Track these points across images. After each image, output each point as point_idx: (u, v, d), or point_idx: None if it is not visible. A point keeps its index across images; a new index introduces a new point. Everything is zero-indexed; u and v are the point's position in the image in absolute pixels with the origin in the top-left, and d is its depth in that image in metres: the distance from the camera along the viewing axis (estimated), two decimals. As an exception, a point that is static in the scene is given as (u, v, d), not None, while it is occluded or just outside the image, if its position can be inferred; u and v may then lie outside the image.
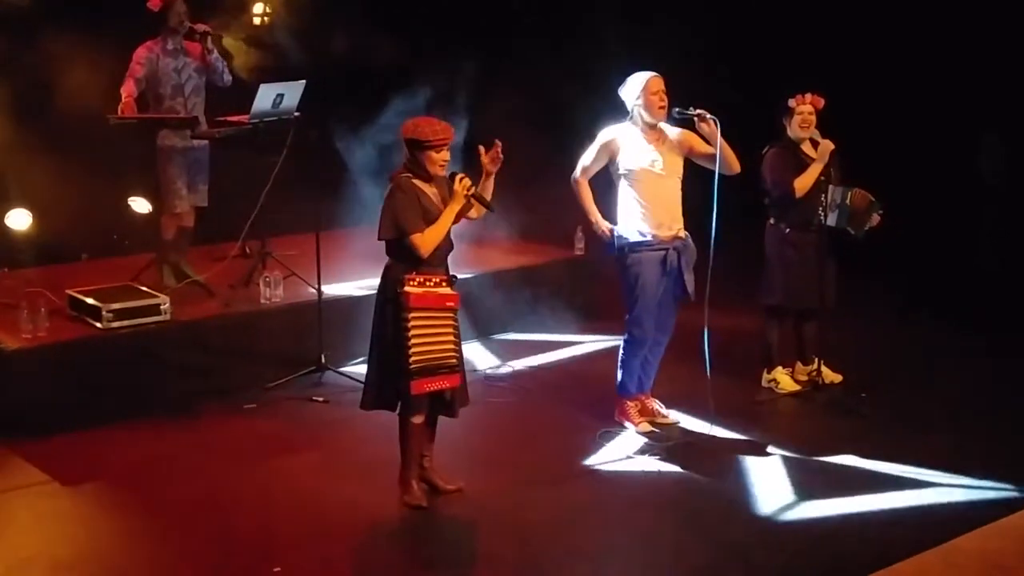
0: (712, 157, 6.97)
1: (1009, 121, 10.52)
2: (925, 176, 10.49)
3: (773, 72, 9.55)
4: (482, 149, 6.18)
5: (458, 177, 6.08)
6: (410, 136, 6.04)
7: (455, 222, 6.15)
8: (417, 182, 6.08)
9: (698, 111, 6.88)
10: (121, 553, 5.82)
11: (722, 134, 6.86)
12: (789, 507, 6.28)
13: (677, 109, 6.94)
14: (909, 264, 10.24)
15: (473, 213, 6.29)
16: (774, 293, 7.79)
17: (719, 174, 6.86)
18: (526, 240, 9.86)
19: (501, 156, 6.15)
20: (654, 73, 6.97)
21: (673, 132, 7.07)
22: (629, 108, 7.02)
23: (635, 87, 6.97)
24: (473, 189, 6.13)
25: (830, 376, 7.93)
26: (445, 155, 6.07)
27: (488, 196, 6.25)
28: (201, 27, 8.32)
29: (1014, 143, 10.56)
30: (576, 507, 6.27)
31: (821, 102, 7.65)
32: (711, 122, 6.86)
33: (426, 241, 6.02)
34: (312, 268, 8.10)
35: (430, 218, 6.05)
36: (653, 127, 7.00)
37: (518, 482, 6.54)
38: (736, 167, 6.97)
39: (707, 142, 6.97)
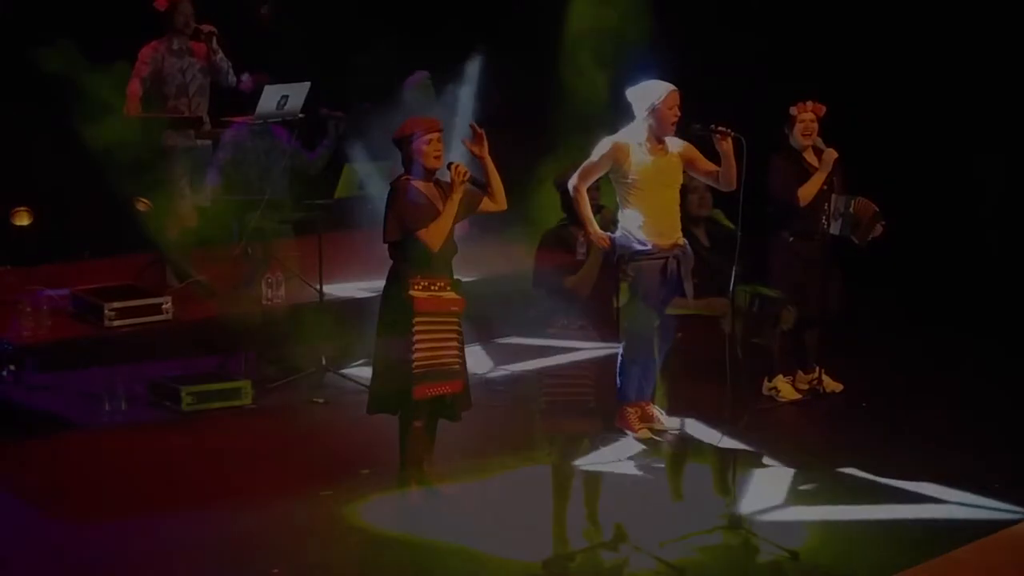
0: (711, 173, 6.92)
1: (1011, 130, 10.49)
2: (928, 183, 10.46)
3: (774, 80, 9.55)
4: (463, 140, 6.22)
5: (453, 166, 6.09)
6: (398, 135, 6.11)
7: (463, 216, 6.18)
8: (416, 183, 6.10)
9: (720, 128, 6.74)
10: (120, 553, 5.82)
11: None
12: (787, 517, 6.26)
13: (698, 125, 6.78)
14: (912, 272, 10.21)
15: (491, 205, 6.29)
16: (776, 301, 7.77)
17: (742, 191, 6.81)
18: (528, 244, 9.83)
19: (481, 132, 6.17)
20: (672, 87, 6.81)
21: (674, 142, 6.99)
22: (636, 113, 6.92)
23: (650, 96, 6.81)
24: (469, 175, 6.13)
25: (831, 385, 7.92)
26: (436, 147, 6.09)
27: (494, 183, 6.23)
28: (207, 28, 8.32)
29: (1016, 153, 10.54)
30: (574, 514, 6.25)
31: (823, 110, 7.63)
32: (732, 141, 6.78)
33: (432, 234, 6.02)
34: (314, 270, 8.09)
35: (432, 216, 6.05)
36: (660, 139, 6.94)
37: (516, 486, 6.54)
38: (734, 185, 6.90)
39: (710, 157, 6.92)
